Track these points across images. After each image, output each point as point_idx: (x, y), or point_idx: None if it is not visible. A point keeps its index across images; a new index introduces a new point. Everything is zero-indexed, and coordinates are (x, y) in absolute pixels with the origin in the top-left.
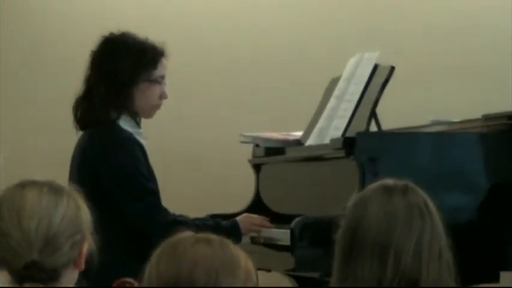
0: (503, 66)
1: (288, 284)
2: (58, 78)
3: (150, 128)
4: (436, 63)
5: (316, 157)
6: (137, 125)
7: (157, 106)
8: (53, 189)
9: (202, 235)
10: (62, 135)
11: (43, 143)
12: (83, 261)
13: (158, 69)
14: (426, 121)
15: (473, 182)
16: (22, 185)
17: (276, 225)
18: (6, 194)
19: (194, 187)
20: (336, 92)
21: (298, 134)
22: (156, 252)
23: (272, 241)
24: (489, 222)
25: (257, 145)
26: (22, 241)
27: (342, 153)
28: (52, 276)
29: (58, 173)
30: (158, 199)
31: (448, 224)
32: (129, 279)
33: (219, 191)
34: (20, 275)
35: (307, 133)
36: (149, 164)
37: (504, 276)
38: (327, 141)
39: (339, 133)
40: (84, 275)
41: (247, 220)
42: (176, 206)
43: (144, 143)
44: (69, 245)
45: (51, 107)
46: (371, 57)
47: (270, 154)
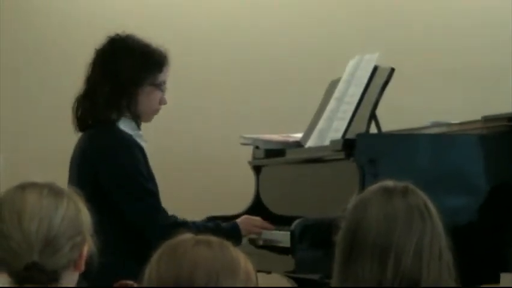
0: (503, 66)
1: (288, 286)
2: (59, 78)
3: (150, 130)
4: (436, 64)
5: (316, 159)
6: (137, 128)
7: (157, 111)
8: (53, 191)
9: (202, 237)
10: (63, 135)
11: (44, 144)
12: (83, 262)
13: (162, 73)
14: (426, 123)
15: (472, 184)
16: (22, 187)
17: (276, 227)
18: (6, 196)
19: (194, 189)
20: (336, 94)
21: (298, 136)
22: (156, 253)
23: (272, 243)
24: (489, 223)
25: (257, 147)
26: (22, 243)
27: (342, 155)
28: (52, 277)
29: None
30: (158, 200)
31: (448, 226)
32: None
33: (219, 193)
34: (20, 277)
35: (307, 135)
36: (149, 166)
37: (504, 277)
38: (327, 143)
39: (339, 135)
40: (84, 277)
41: (247, 222)
42: (176, 208)
43: (144, 146)
44: (69, 247)
45: (52, 108)
46: (371, 59)
47: (270, 156)
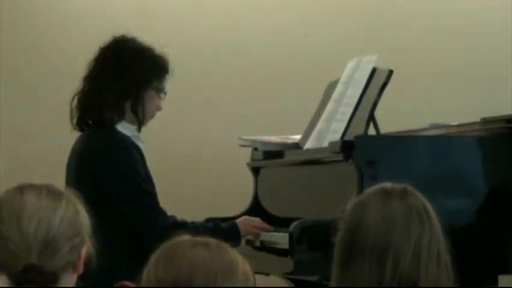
0: (503, 67)
1: None
2: (59, 78)
3: (149, 131)
4: (435, 65)
5: (314, 160)
6: (135, 130)
7: (152, 117)
8: (52, 192)
9: (200, 238)
10: (63, 136)
11: (44, 144)
12: (81, 264)
13: (165, 79)
14: (424, 124)
15: (471, 185)
16: (21, 188)
17: (275, 228)
18: (5, 197)
19: (193, 190)
20: (334, 96)
21: (296, 138)
22: (154, 255)
23: (270, 244)
24: (487, 225)
25: (256, 148)
26: (21, 244)
27: (340, 156)
28: (51, 279)
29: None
30: (156, 201)
31: (446, 227)
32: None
33: (218, 194)
34: (19, 278)
35: (305, 136)
36: (146, 167)
37: (503, 279)
38: (325, 144)
39: (337, 136)
40: (82, 278)
41: (246, 222)
42: (175, 209)
43: (141, 147)
44: (68, 248)
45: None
46: (370, 60)
47: (269, 157)
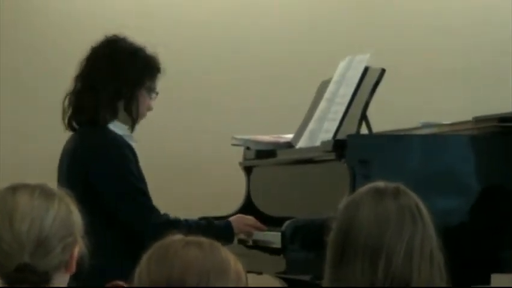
0: (503, 66)
1: (279, 287)
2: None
3: (141, 130)
4: (428, 63)
5: (307, 160)
6: (127, 129)
7: (144, 116)
8: (45, 192)
9: (192, 238)
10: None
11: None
12: (74, 264)
13: (157, 78)
14: (417, 123)
15: (463, 184)
16: (13, 188)
17: (267, 227)
18: None
19: (185, 189)
20: (326, 95)
21: (289, 137)
22: (146, 254)
23: (263, 244)
24: (480, 224)
25: (248, 148)
26: (14, 243)
27: (332, 155)
28: (43, 279)
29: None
30: (149, 199)
31: (439, 227)
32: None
33: (210, 194)
34: (12, 278)
35: (298, 135)
36: (139, 166)
37: (495, 278)
38: (317, 143)
39: (329, 135)
40: (75, 278)
41: (240, 220)
42: (167, 209)
43: (134, 146)
44: (60, 248)
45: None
46: (362, 59)
47: (261, 157)
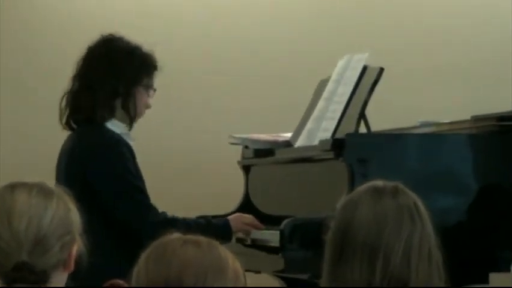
0: (502, 66)
1: (277, 286)
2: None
3: (140, 129)
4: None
5: (305, 159)
6: (125, 127)
7: (142, 114)
8: (43, 190)
9: (190, 237)
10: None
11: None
12: (72, 262)
13: (154, 76)
14: (416, 122)
15: (462, 183)
16: (12, 186)
17: (266, 226)
18: None
19: (183, 189)
20: (325, 94)
21: (287, 136)
22: (144, 253)
23: (262, 242)
24: (478, 223)
25: (246, 146)
26: (12, 242)
27: (331, 154)
28: (42, 277)
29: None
30: (147, 198)
31: (438, 226)
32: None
33: (209, 193)
34: (10, 277)
35: (296, 134)
36: (137, 165)
37: (493, 277)
38: (316, 142)
39: (328, 134)
40: (73, 277)
41: (238, 219)
42: (165, 207)
43: (132, 144)
44: (59, 246)
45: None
46: (360, 58)
47: (259, 156)
